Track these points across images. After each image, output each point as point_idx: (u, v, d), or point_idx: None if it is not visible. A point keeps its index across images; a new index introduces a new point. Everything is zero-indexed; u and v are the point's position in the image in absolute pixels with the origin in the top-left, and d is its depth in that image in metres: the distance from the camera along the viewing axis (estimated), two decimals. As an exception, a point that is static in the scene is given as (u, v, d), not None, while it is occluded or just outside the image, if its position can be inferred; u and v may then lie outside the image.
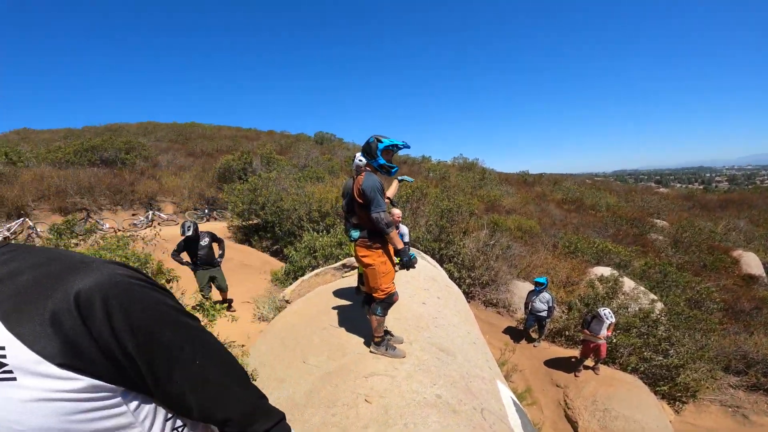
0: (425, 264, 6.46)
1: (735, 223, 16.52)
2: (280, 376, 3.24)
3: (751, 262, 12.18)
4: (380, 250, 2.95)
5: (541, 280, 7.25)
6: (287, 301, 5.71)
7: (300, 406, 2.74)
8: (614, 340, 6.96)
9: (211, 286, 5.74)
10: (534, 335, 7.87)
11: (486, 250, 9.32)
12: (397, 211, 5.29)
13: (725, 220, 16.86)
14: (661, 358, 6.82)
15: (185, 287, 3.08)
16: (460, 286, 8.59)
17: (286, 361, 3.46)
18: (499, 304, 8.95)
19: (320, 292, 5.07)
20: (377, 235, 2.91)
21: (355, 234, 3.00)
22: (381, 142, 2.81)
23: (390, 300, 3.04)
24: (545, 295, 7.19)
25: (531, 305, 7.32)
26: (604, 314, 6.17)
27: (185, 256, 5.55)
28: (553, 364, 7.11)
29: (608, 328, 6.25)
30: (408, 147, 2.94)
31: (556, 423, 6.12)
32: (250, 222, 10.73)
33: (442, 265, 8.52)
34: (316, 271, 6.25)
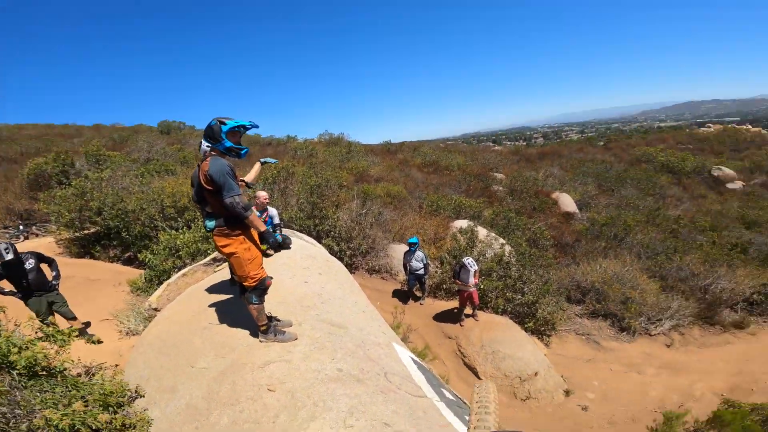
0: (302, 243, 6.37)
1: (550, 170, 20.64)
2: (170, 386, 2.94)
3: (566, 201, 15.41)
4: (241, 237, 2.85)
5: (413, 240, 7.87)
6: (156, 309, 5.06)
7: (203, 411, 2.56)
8: (482, 286, 7.82)
9: (53, 314, 4.84)
10: (418, 294, 8.53)
11: (360, 219, 9.68)
12: (262, 194, 5.11)
13: (543, 169, 20.94)
14: (519, 296, 7.94)
15: (17, 316, 2.45)
16: (341, 259, 8.79)
17: (171, 370, 3.13)
18: (381, 270, 9.50)
19: (193, 293, 4.63)
20: (236, 221, 2.79)
21: (211, 224, 2.83)
22: (224, 124, 2.71)
23: (262, 286, 2.96)
24: (419, 254, 7.83)
25: (408, 265, 7.88)
26: (468, 263, 6.81)
27: (6, 285, 4.59)
28: (441, 317, 7.79)
29: (474, 276, 6.88)
30: (256, 126, 2.87)
31: (458, 372, 6.78)
32: (86, 231, 8.90)
33: (320, 242, 8.54)
34: (183, 272, 5.63)
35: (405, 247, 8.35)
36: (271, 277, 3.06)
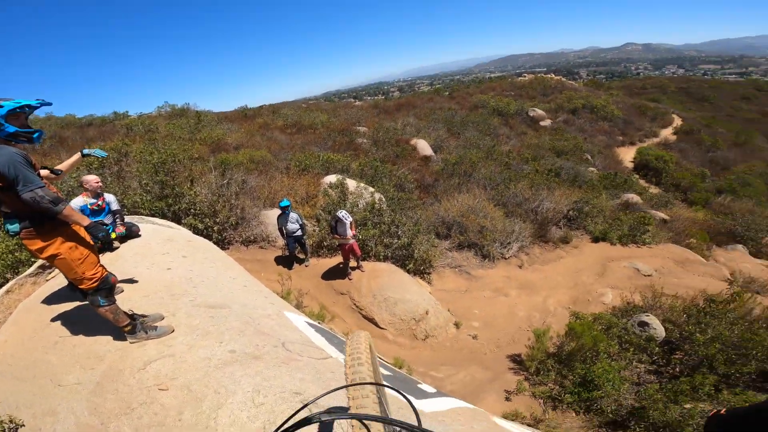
0: (155, 228, 5.67)
1: (407, 120, 21.96)
2: (48, 409, 2.56)
3: (423, 146, 16.73)
4: (60, 237, 2.45)
5: (284, 203, 7.50)
6: None
7: (98, 427, 2.32)
8: (360, 236, 7.95)
9: None
10: (301, 256, 8.31)
11: (222, 191, 8.77)
12: (91, 177, 4.27)
13: (401, 119, 22.13)
14: (396, 240, 8.34)
15: None
16: (210, 237, 7.94)
17: (38, 394, 2.72)
18: (258, 239, 8.89)
19: (27, 309, 3.83)
20: (46, 219, 2.37)
21: (13, 227, 2.38)
22: (1, 107, 2.26)
23: (106, 285, 2.64)
24: (293, 215, 7.55)
25: (284, 229, 7.57)
26: (342, 215, 6.83)
27: None
28: (329, 275, 7.73)
29: (351, 227, 6.93)
30: (48, 104, 2.48)
31: (359, 325, 6.84)
32: None
33: (179, 223, 7.53)
34: (5, 288, 4.40)
35: (278, 212, 7.93)
36: (113, 274, 2.73)
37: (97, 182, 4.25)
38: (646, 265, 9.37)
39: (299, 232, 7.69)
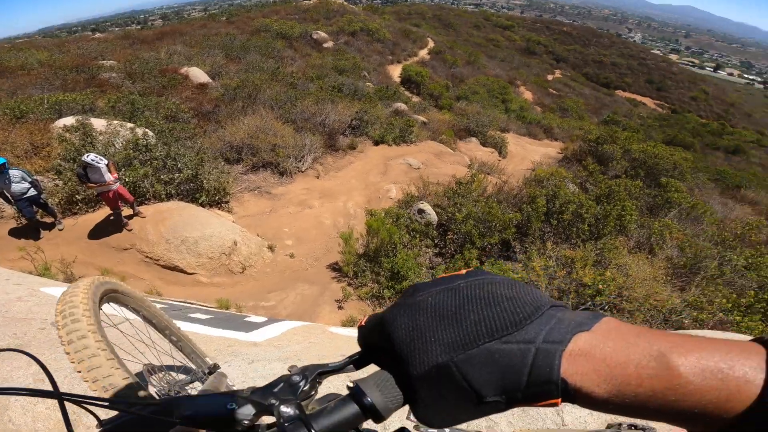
0: None
1: (173, 48, 18.67)
2: None
3: (197, 74, 14.81)
4: None
5: None
6: None
7: None
8: (126, 179, 6.84)
9: None
10: (48, 220, 6.56)
11: None
12: None
13: (165, 48, 18.64)
14: (177, 174, 7.41)
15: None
16: None
17: None
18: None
19: None
20: None
21: None
22: None
23: None
24: (15, 173, 5.73)
25: (7, 192, 5.75)
26: (91, 160, 5.59)
27: None
28: (100, 232, 6.39)
29: (110, 170, 5.86)
30: None
31: (163, 278, 6.10)
32: None
33: None
34: None
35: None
36: None
37: None
38: (415, 160, 11.30)
39: (32, 192, 5.93)
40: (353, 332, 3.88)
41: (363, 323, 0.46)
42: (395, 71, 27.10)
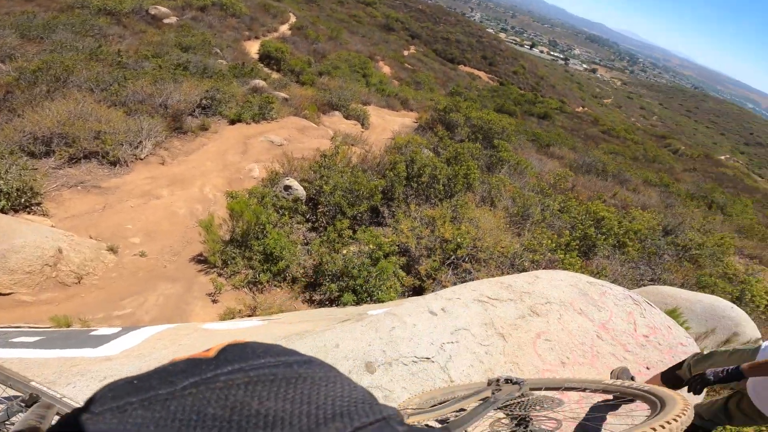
0: None
1: None
2: None
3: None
4: None
5: None
6: None
7: None
8: None
9: None
10: None
11: None
12: None
13: None
14: None
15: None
16: None
17: None
18: None
19: None
20: None
21: None
22: None
23: None
24: None
25: None
26: None
27: None
28: None
29: None
30: None
31: None
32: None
33: None
34: None
35: None
36: None
37: None
38: (278, 137, 10.87)
39: None
40: (230, 325, 3.63)
41: None
42: (253, 47, 25.28)
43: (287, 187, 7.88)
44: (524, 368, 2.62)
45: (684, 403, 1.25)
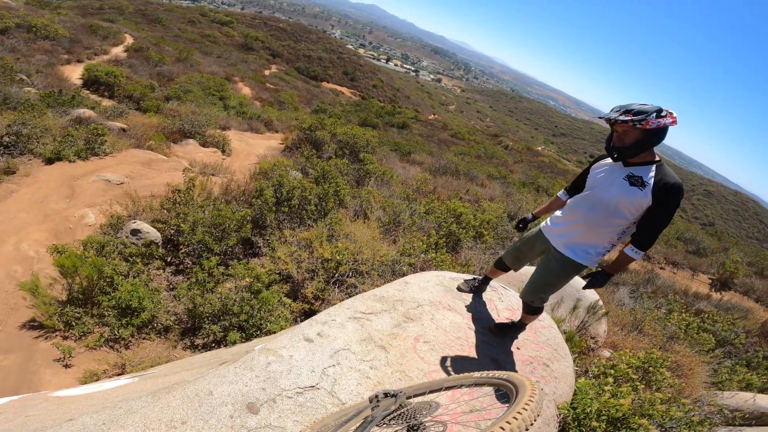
0: None
1: None
2: None
3: None
4: None
5: None
6: None
7: None
8: None
9: None
10: None
11: None
12: None
13: None
14: None
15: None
16: None
17: None
18: None
19: None
20: None
21: None
22: None
23: None
24: None
25: None
26: None
27: None
28: None
29: None
30: None
31: None
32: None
33: None
34: None
35: None
36: None
37: None
38: (116, 174, 9.33)
39: None
40: (91, 388, 3.15)
41: None
42: (74, 72, 21.42)
43: (135, 231, 6.87)
44: (411, 374, 2.78)
45: (531, 387, 1.43)
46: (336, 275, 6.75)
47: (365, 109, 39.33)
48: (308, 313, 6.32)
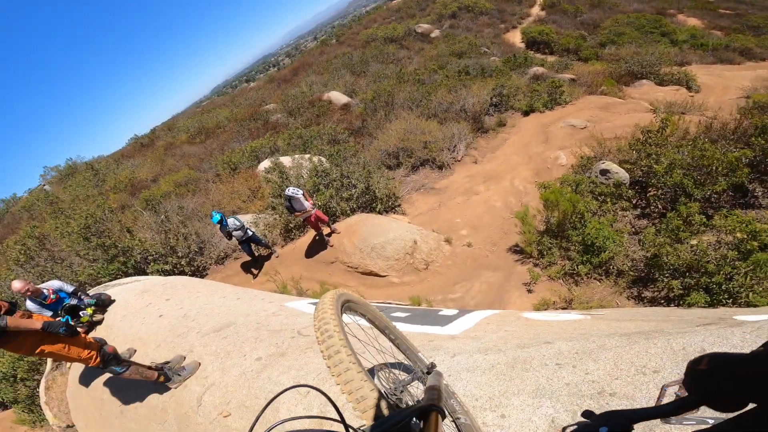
0: (124, 288, 5.65)
1: (310, 79, 21.09)
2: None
3: (337, 96, 16.36)
4: (26, 340, 2.59)
5: (215, 219, 6.88)
6: (68, 426, 4.41)
7: None
8: (319, 203, 7.88)
9: None
10: (265, 252, 8.02)
11: (165, 226, 8.21)
12: (16, 286, 4.12)
13: (303, 81, 21.19)
14: (354, 190, 8.15)
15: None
16: (183, 272, 7.75)
17: None
18: (229, 253, 8.44)
19: (76, 395, 4.21)
20: (1, 331, 2.50)
21: None
22: None
23: (107, 356, 2.85)
24: (231, 222, 7.01)
25: (232, 237, 7.11)
26: (291, 192, 6.57)
27: None
28: (311, 252, 7.56)
29: (306, 198, 6.69)
30: None
31: (364, 282, 6.69)
32: None
33: (146, 273, 7.30)
34: (43, 386, 4.65)
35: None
36: (108, 345, 2.95)
37: (23, 287, 4.07)
38: (578, 119, 10.06)
39: (248, 233, 7.29)
40: (549, 316, 3.51)
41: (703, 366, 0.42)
42: (515, 37, 25.02)
43: (604, 171, 7.12)
44: None
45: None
46: None
47: None
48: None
